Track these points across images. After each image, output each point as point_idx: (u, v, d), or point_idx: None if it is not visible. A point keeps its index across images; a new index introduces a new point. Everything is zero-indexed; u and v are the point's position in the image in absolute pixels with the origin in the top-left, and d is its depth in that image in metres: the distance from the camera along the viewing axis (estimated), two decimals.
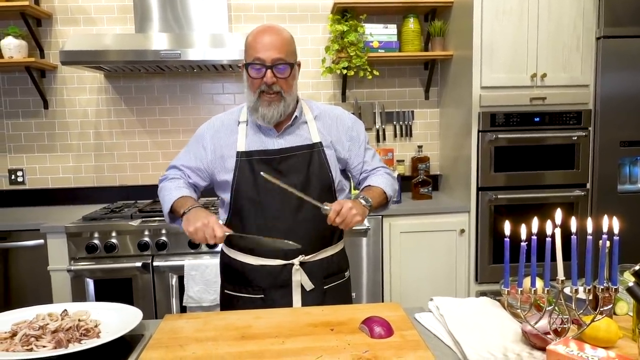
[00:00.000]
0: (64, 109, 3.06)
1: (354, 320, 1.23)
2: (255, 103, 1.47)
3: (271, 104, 1.45)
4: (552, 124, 2.69)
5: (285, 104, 1.47)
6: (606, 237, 0.97)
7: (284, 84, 1.46)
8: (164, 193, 1.55)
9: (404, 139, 3.26)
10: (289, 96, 1.48)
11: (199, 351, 1.10)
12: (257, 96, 1.46)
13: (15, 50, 2.76)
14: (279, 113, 1.47)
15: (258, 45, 1.43)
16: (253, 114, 1.50)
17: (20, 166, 3.08)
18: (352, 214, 1.37)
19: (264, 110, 1.46)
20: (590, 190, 2.75)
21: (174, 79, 3.10)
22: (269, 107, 1.46)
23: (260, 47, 1.43)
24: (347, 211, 1.36)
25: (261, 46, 1.43)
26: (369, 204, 1.48)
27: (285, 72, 1.45)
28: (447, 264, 2.74)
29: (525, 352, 1.03)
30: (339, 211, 1.36)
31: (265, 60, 1.42)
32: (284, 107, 1.47)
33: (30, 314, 1.25)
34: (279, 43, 1.44)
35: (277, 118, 1.48)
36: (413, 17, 2.97)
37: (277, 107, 1.46)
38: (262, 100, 1.46)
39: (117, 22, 3.02)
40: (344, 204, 1.38)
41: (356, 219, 1.38)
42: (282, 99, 1.46)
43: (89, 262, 2.46)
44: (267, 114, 1.46)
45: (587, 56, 2.66)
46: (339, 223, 1.37)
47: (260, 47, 1.43)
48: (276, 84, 1.44)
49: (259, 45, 1.43)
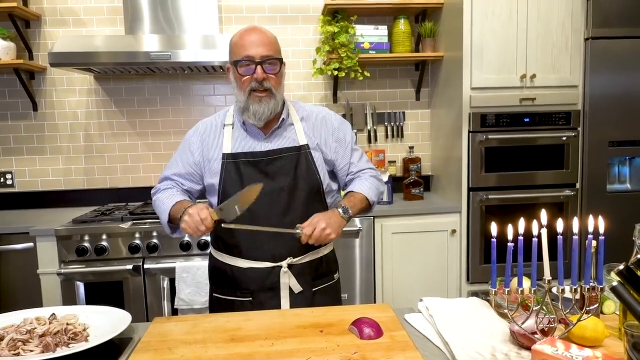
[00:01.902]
0: (54, 111, 3.04)
1: (344, 322, 1.23)
2: (246, 102, 1.47)
3: (262, 100, 1.46)
4: (541, 125, 2.70)
5: (275, 102, 1.48)
6: (592, 237, 0.97)
7: (274, 80, 1.47)
8: (158, 205, 1.54)
9: (396, 139, 3.27)
10: (279, 93, 1.49)
11: (188, 354, 1.09)
12: (248, 94, 1.46)
13: (3, 52, 2.74)
14: (269, 110, 1.47)
15: (246, 43, 1.44)
16: (244, 114, 1.50)
17: (9, 169, 3.05)
18: (324, 234, 1.40)
19: (255, 107, 1.46)
20: (579, 190, 2.77)
21: (164, 81, 3.09)
22: (260, 104, 1.46)
23: (248, 44, 1.44)
24: (319, 233, 1.40)
25: (249, 44, 1.44)
26: (348, 215, 1.50)
27: (275, 68, 1.46)
28: (438, 264, 2.75)
29: (514, 352, 1.03)
30: (310, 235, 1.39)
31: (255, 57, 1.43)
32: (275, 104, 1.48)
33: (18, 318, 1.24)
34: (266, 40, 1.46)
35: (267, 115, 1.48)
36: (403, 19, 2.98)
37: (267, 103, 1.46)
38: (252, 98, 1.46)
39: (106, 24, 3.01)
40: (317, 224, 1.40)
41: (330, 237, 1.42)
42: (273, 95, 1.47)
43: (79, 265, 2.44)
44: (259, 110, 1.46)
45: (576, 57, 2.68)
46: (313, 243, 1.41)
47: (248, 45, 1.44)
48: (266, 80, 1.45)
49: (246, 43, 1.44)
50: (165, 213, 1.49)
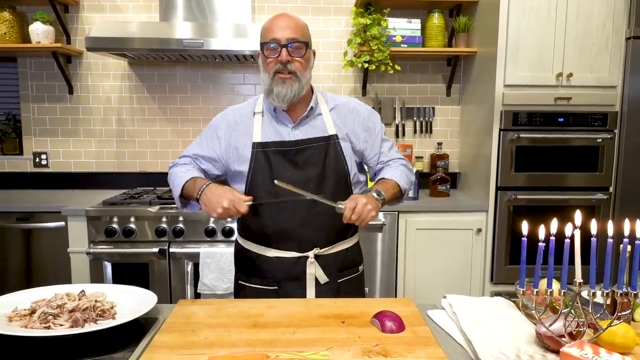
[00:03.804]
0: (88, 95, 3.11)
1: (366, 314, 1.23)
2: (270, 84, 1.47)
3: (285, 82, 1.45)
4: (576, 125, 2.63)
5: (300, 85, 1.47)
6: (627, 241, 0.94)
7: (299, 64, 1.46)
8: (173, 177, 1.57)
9: (424, 135, 3.23)
10: (304, 78, 1.48)
11: (211, 337, 1.11)
12: (272, 76, 1.46)
13: (42, 36, 2.81)
14: (293, 93, 1.46)
15: (273, 26, 1.46)
16: (268, 97, 1.50)
17: (44, 149, 3.14)
18: (367, 209, 1.38)
19: (278, 89, 1.46)
20: (613, 194, 2.68)
21: (196, 69, 3.12)
22: (284, 85, 1.45)
23: (275, 28, 1.45)
24: (362, 207, 1.37)
25: (276, 27, 1.45)
26: (382, 197, 1.48)
27: (300, 52, 1.46)
28: (462, 263, 2.71)
29: (539, 354, 1.01)
30: (353, 208, 1.37)
31: (281, 40, 1.44)
32: (299, 88, 1.47)
33: (49, 293, 1.28)
34: (294, 25, 1.46)
35: (290, 98, 1.47)
36: (437, 12, 2.94)
37: (291, 86, 1.45)
38: (276, 80, 1.46)
39: (142, 10, 3.05)
40: (358, 200, 1.38)
41: (371, 214, 1.39)
42: (297, 79, 1.46)
43: (108, 246, 2.50)
44: (282, 91, 1.45)
45: (616, 56, 2.59)
46: (355, 220, 1.38)
47: (275, 28, 1.45)
48: (291, 63, 1.45)
49: (274, 26, 1.46)
50: (179, 187, 1.51)
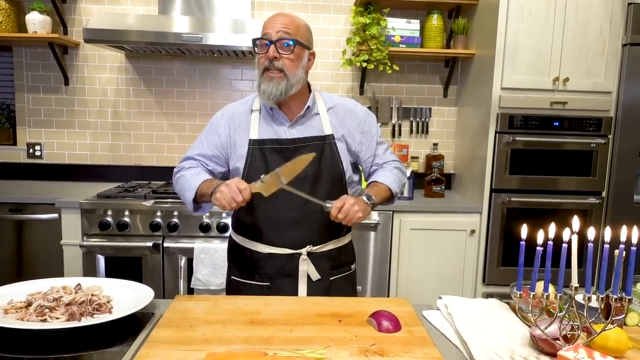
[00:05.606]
0: (84, 87, 3.09)
1: (362, 313, 1.24)
2: (259, 80, 1.48)
3: (272, 79, 1.45)
4: (571, 130, 2.65)
5: (288, 84, 1.46)
6: (623, 246, 0.96)
7: (288, 61, 1.45)
8: (183, 182, 1.53)
9: (420, 135, 3.25)
10: (293, 77, 1.46)
11: (209, 333, 1.11)
12: (261, 73, 1.47)
13: (39, 26, 2.78)
14: (279, 91, 1.45)
15: (268, 23, 1.47)
16: (260, 95, 1.51)
17: (38, 140, 3.11)
18: (354, 210, 1.40)
19: (264, 86, 1.46)
20: (605, 198, 2.71)
21: (193, 63, 3.11)
22: (270, 83, 1.45)
23: (269, 24, 1.46)
24: (349, 207, 1.39)
25: (270, 24, 1.46)
26: (372, 202, 1.49)
27: (289, 49, 1.45)
28: (455, 264, 2.73)
29: (533, 356, 1.03)
30: (340, 207, 1.39)
31: (271, 35, 1.44)
32: (286, 87, 1.46)
33: (45, 286, 1.28)
34: (288, 22, 1.46)
35: (277, 96, 1.46)
36: (437, 13, 2.95)
37: (277, 84, 1.45)
38: (264, 77, 1.46)
39: (140, 3, 3.03)
40: (346, 200, 1.40)
41: (358, 215, 1.41)
42: (285, 77, 1.45)
43: (101, 239, 2.49)
44: (267, 89, 1.45)
45: (612, 62, 2.61)
46: (342, 219, 1.40)
47: (269, 25, 1.46)
48: (279, 60, 1.44)
49: (268, 23, 1.47)
50: (193, 190, 1.49)
